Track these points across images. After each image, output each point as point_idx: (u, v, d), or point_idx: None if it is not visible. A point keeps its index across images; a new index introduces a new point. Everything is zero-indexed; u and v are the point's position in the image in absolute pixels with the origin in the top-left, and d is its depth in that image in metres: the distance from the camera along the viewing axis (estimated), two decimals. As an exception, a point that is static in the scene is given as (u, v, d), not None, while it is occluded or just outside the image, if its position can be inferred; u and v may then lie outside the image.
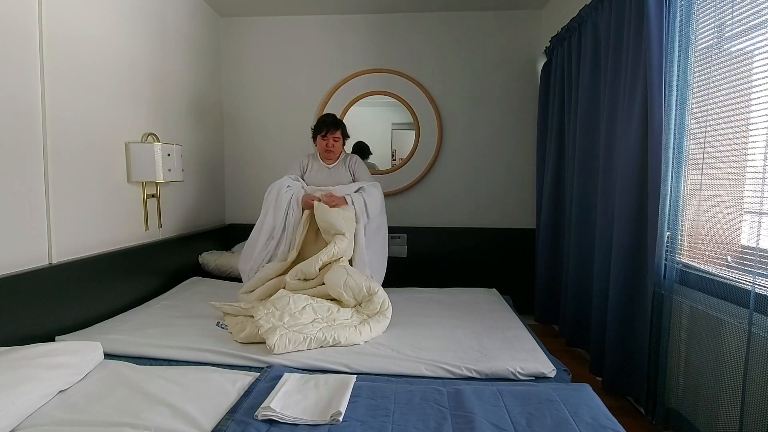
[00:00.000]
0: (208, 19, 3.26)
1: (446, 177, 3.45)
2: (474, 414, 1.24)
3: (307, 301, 1.96)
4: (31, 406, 1.21)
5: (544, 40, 3.17)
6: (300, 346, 1.68)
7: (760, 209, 1.46)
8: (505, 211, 3.43)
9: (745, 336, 1.42)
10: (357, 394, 1.34)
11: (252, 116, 3.52)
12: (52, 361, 1.35)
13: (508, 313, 2.21)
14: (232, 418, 1.22)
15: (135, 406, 1.26)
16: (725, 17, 1.60)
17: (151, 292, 2.43)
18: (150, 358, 1.66)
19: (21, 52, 1.71)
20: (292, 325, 1.78)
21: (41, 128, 1.80)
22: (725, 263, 1.63)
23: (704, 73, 1.70)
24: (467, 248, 3.39)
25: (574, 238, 2.49)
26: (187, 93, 2.95)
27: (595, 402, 1.33)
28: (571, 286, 2.52)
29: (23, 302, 1.66)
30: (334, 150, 2.58)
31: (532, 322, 3.02)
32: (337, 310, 1.98)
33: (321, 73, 3.44)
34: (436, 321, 2.05)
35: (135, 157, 2.32)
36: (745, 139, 1.54)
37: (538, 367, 1.57)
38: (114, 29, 2.23)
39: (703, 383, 1.64)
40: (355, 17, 3.39)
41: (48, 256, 1.83)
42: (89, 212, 2.06)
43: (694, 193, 1.76)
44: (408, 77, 3.39)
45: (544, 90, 3.08)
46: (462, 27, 3.35)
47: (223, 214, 3.55)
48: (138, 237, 2.42)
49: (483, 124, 3.40)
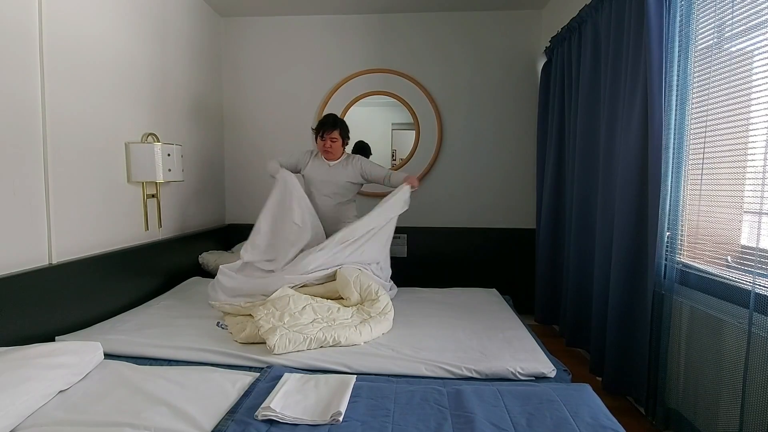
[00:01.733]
0: (208, 19, 3.26)
1: (446, 177, 3.45)
2: (474, 414, 1.24)
3: (307, 301, 1.97)
4: (31, 406, 1.21)
5: (544, 40, 3.17)
6: (300, 346, 1.68)
7: (760, 209, 1.46)
8: (505, 211, 3.43)
9: (745, 336, 1.42)
10: (357, 394, 1.34)
11: (252, 116, 3.52)
12: (52, 361, 1.35)
13: (508, 313, 2.21)
14: (232, 418, 1.22)
15: (135, 406, 1.26)
16: (725, 17, 1.60)
17: (151, 292, 2.43)
18: (150, 358, 1.66)
19: (21, 52, 1.71)
20: (292, 325, 1.78)
21: (41, 128, 1.80)
22: (725, 263, 1.63)
23: (704, 73, 1.70)
24: (467, 248, 3.39)
25: (574, 238, 2.49)
26: (187, 93, 2.95)
27: (595, 402, 1.33)
28: (571, 286, 2.52)
29: (23, 302, 1.66)
30: (332, 150, 2.57)
31: (532, 322, 3.01)
32: (338, 309, 1.98)
33: (321, 73, 3.44)
34: (436, 321, 2.05)
35: (135, 157, 2.32)
36: (745, 139, 1.53)
37: (538, 367, 1.57)
38: (114, 29, 2.23)
39: (703, 383, 1.64)
40: (355, 17, 3.39)
41: (48, 256, 1.83)
42: (89, 212, 2.06)
43: (694, 193, 1.76)
44: (408, 77, 3.39)
45: (544, 90, 3.08)
46: (462, 27, 3.35)
47: (223, 214, 3.55)
48: (138, 237, 2.42)
49: (483, 124, 3.40)
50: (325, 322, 1.87)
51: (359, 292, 2.10)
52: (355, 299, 2.09)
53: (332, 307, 1.99)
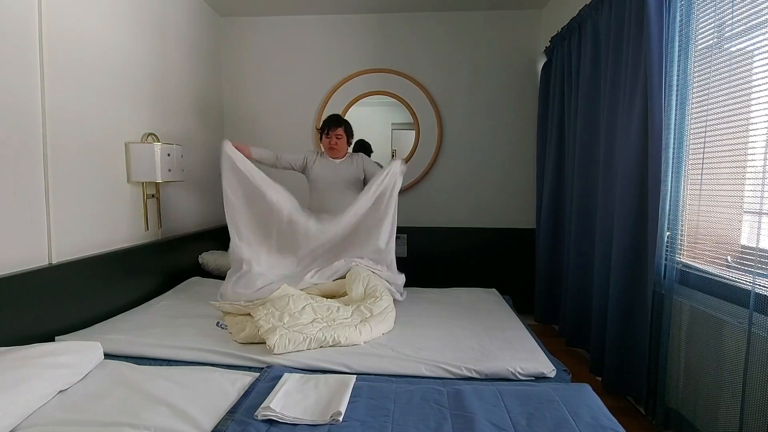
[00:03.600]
0: (208, 18, 3.26)
1: (446, 177, 3.45)
2: (474, 414, 1.24)
3: (306, 301, 1.97)
4: (31, 406, 1.21)
5: (544, 40, 3.16)
6: (300, 346, 1.68)
7: (760, 209, 1.46)
8: (505, 211, 3.43)
9: (745, 336, 1.42)
10: (357, 394, 1.34)
11: (252, 116, 3.51)
12: (52, 361, 1.35)
13: (508, 313, 2.21)
14: (232, 418, 1.22)
15: (135, 406, 1.26)
16: (725, 17, 1.60)
17: (151, 292, 2.43)
18: (150, 358, 1.66)
19: (21, 52, 1.71)
20: (292, 325, 1.78)
21: (41, 128, 1.80)
22: (725, 263, 1.63)
23: (704, 73, 1.70)
24: (467, 248, 3.39)
25: (574, 238, 2.49)
26: (187, 93, 2.95)
27: (595, 402, 1.33)
28: (571, 286, 2.52)
29: (23, 302, 1.66)
30: (337, 147, 2.60)
31: (532, 322, 3.01)
32: (337, 309, 1.98)
33: (321, 73, 3.44)
34: (436, 321, 2.05)
35: (135, 157, 2.32)
36: (745, 139, 1.53)
37: (538, 367, 1.57)
38: (114, 29, 2.23)
39: (703, 383, 1.64)
40: (355, 17, 3.39)
41: (48, 256, 1.83)
42: (89, 212, 2.06)
43: (694, 193, 1.76)
44: (408, 77, 3.39)
45: (544, 90, 3.08)
46: (462, 27, 3.35)
47: (223, 214, 3.53)
48: (138, 237, 2.42)
49: (483, 124, 3.40)
50: (325, 321, 1.87)
51: (364, 287, 2.13)
52: (358, 294, 2.10)
53: (332, 307, 1.99)
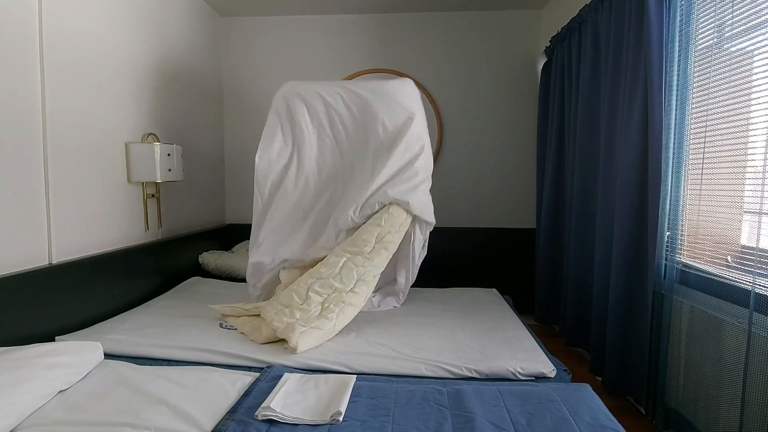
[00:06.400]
0: (208, 18, 3.26)
1: (446, 177, 3.44)
2: (474, 414, 1.24)
3: (306, 285, 1.94)
4: (31, 406, 1.21)
5: (544, 40, 3.16)
6: (321, 340, 1.75)
7: (760, 209, 1.46)
8: (505, 211, 3.43)
9: (745, 336, 1.42)
10: (357, 394, 1.34)
11: (252, 116, 3.51)
12: (52, 361, 1.35)
13: (508, 313, 2.21)
14: (232, 418, 1.22)
15: (135, 406, 1.26)
16: (725, 17, 1.60)
17: (151, 292, 2.43)
18: (150, 358, 1.66)
19: (21, 52, 1.71)
20: (306, 319, 1.79)
21: (41, 128, 1.80)
22: (725, 263, 1.63)
23: (704, 73, 1.70)
24: (467, 248, 3.39)
25: (574, 238, 2.49)
26: (187, 93, 2.94)
27: (595, 402, 1.33)
28: (571, 286, 2.52)
29: (23, 302, 1.66)
30: None
31: (532, 322, 3.01)
32: (333, 276, 1.97)
33: (321, 73, 3.44)
34: (436, 321, 2.05)
35: (135, 157, 2.32)
36: (745, 139, 1.54)
37: (538, 367, 1.57)
38: (114, 29, 2.23)
39: (703, 383, 1.64)
40: (355, 17, 3.39)
41: (48, 256, 1.83)
42: (89, 212, 2.06)
43: (694, 193, 1.76)
44: (408, 77, 3.38)
45: (544, 90, 3.08)
46: (462, 27, 3.35)
47: (223, 214, 3.55)
48: (138, 237, 2.42)
49: (483, 123, 3.39)
50: (330, 289, 1.92)
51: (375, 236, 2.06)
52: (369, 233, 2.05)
53: (326, 276, 1.96)
